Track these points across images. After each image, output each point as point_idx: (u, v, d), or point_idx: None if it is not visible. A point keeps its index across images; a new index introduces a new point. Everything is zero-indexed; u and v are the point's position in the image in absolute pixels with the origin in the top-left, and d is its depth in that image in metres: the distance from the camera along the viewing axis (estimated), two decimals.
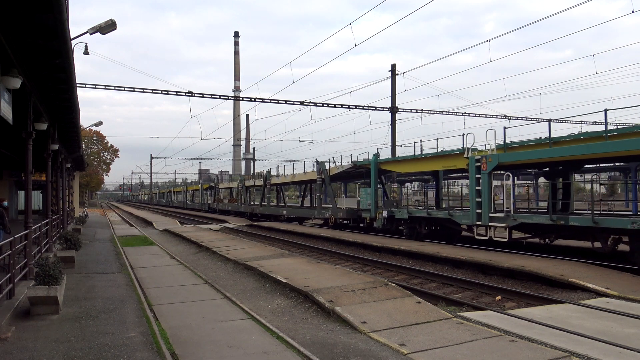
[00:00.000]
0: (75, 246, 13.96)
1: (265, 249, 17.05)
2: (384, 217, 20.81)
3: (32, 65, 9.28)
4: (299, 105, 32.99)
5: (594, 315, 8.05)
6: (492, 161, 15.37)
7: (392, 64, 31.39)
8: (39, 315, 7.89)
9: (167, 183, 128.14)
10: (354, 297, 8.99)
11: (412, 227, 19.74)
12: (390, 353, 6.23)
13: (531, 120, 39.52)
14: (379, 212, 21.41)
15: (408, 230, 20.04)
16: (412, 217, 19.51)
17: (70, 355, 6.03)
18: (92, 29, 15.47)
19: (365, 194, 23.09)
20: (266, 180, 37.09)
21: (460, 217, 17.23)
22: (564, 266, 12.10)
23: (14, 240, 8.83)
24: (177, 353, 6.19)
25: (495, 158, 15.30)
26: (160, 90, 29.94)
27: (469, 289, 11.45)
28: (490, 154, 15.59)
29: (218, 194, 54.65)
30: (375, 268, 14.91)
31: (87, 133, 56.61)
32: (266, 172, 38.15)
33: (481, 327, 7.37)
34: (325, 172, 27.59)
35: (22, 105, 10.16)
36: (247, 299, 9.88)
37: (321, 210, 28.18)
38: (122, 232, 27.23)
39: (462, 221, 17.17)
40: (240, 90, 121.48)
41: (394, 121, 31.60)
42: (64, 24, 7.20)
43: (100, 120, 41.58)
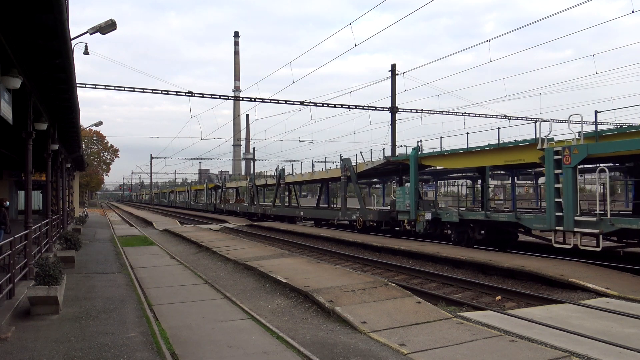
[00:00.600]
0: (75, 246, 13.96)
1: (265, 249, 17.05)
2: (426, 219, 18.46)
3: (32, 65, 9.28)
4: (299, 105, 32.99)
5: (594, 315, 8.05)
6: (578, 153, 12.70)
7: (392, 64, 31.39)
8: (39, 315, 7.89)
9: (167, 183, 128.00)
10: (354, 297, 8.99)
11: (463, 231, 17.34)
12: (390, 353, 6.23)
13: (531, 120, 39.51)
14: (420, 214, 18.95)
15: (457, 235, 17.60)
16: (463, 220, 17.05)
17: (70, 355, 6.03)
18: (92, 29, 15.47)
19: (403, 194, 20.12)
20: (280, 178, 34.28)
21: (531, 221, 14.44)
22: (564, 266, 12.10)
23: (14, 240, 8.83)
24: (177, 353, 6.19)
25: (583, 149, 12.67)
26: (160, 90, 29.93)
27: (469, 289, 11.45)
28: (575, 144, 12.97)
29: (225, 193, 52.09)
30: (375, 268, 14.92)
31: (87, 133, 56.60)
32: (280, 169, 34.95)
33: (481, 327, 7.37)
34: (351, 169, 24.94)
35: (22, 105, 10.16)
36: (247, 299, 9.88)
37: (346, 212, 25.63)
38: (122, 232, 27.23)
39: (533, 226, 14.44)
40: (240, 90, 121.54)
41: (394, 121, 31.60)
42: (64, 24, 7.20)
43: (100, 120, 41.59)
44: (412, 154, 20.09)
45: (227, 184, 53.31)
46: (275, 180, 36.23)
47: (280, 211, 34.26)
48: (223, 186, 52.53)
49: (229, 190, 53.77)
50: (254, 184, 41.22)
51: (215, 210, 51.23)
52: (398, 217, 20.55)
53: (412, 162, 19.95)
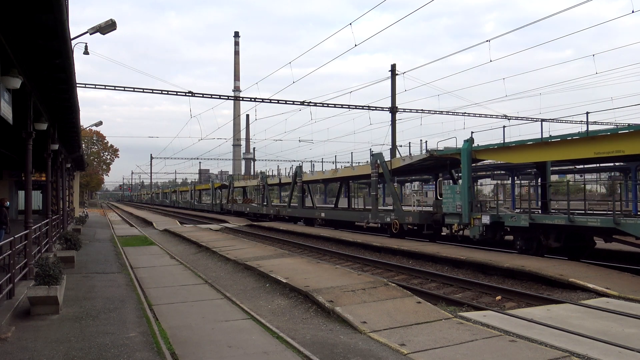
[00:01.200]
0: (75, 246, 13.96)
1: (265, 249, 17.05)
2: (483, 224, 15.99)
3: (32, 65, 9.28)
4: (299, 105, 33.01)
5: (594, 315, 8.05)
6: None
7: (392, 64, 31.42)
8: (39, 315, 7.89)
9: (168, 183, 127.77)
10: (354, 297, 8.99)
11: (532, 238, 14.79)
12: (390, 353, 6.23)
13: (531, 120, 39.54)
14: (475, 218, 16.42)
15: (525, 242, 15.00)
16: (535, 225, 14.38)
17: (70, 355, 6.03)
18: (92, 29, 15.47)
19: (452, 193, 17.50)
20: (297, 176, 30.87)
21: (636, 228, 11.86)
22: (563, 266, 12.10)
23: (14, 240, 8.83)
24: (177, 353, 6.19)
25: None
26: (160, 90, 29.98)
27: (469, 289, 11.45)
28: None
29: (232, 193, 47.90)
30: (375, 268, 14.91)
31: (87, 133, 56.57)
32: (297, 167, 31.73)
33: (481, 327, 7.37)
34: (384, 166, 21.96)
35: (22, 105, 10.16)
36: (247, 299, 9.88)
37: (378, 214, 22.39)
38: (122, 232, 27.23)
39: None
40: (240, 90, 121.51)
41: (394, 121, 31.62)
42: (64, 24, 7.20)
43: (100, 120, 41.59)
44: (465, 147, 17.31)
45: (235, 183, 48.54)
46: (290, 179, 32.87)
47: (297, 212, 31.05)
48: (231, 185, 48.11)
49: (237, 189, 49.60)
50: (265, 183, 37.76)
51: (222, 211, 48.13)
52: (445, 220, 17.86)
53: (465, 157, 17.17)
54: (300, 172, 30.77)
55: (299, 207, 30.92)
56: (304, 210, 30.84)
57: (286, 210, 32.27)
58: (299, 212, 30.89)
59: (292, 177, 31.87)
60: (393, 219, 21.14)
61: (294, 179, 31.49)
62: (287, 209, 32.15)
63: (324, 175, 30.26)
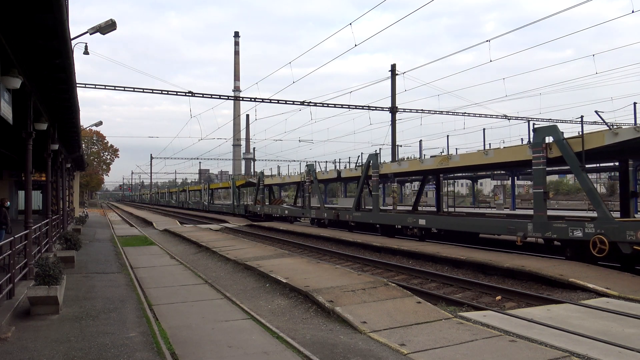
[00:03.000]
0: (75, 246, 13.96)
1: (265, 249, 17.05)
2: None
3: (32, 65, 9.28)
4: (299, 105, 33.02)
5: (594, 315, 8.05)
6: None
7: (392, 64, 31.42)
8: (39, 315, 7.89)
9: (170, 182, 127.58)
10: (354, 297, 8.99)
11: None
12: (390, 353, 6.23)
13: (531, 120, 39.53)
14: None
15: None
16: None
17: (70, 355, 6.03)
18: (92, 29, 15.47)
19: None
20: (371, 168, 22.23)
21: None
22: (564, 266, 12.10)
23: (14, 240, 8.83)
24: (177, 353, 6.19)
25: None
26: (160, 90, 29.97)
27: (469, 289, 11.45)
28: None
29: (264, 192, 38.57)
30: (375, 268, 14.92)
31: (87, 133, 56.56)
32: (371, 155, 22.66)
33: (481, 327, 7.37)
34: (564, 147, 13.18)
35: (22, 105, 10.17)
36: (247, 299, 9.88)
37: (551, 224, 13.65)
38: (122, 232, 27.24)
39: None
40: (240, 90, 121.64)
41: (394, 121, 31.62)
42: (64, 24, 7.20)
43: (100, 120, 41.61)
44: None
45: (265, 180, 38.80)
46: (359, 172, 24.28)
47: (371, 217, 22.29)
48: (259, 183, 38.38)
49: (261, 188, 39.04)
50: (314, 177, 28.59)
51: (248, 214, 40.60)
52: None
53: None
54: (376, 163, 22.11)
55: (375, 209, 22.22)
56: (385, 215, 22.10)
57: (352, 214, 23.93)
58: (375, 216, 22.15)
59: (363, 169, 22.99)
60: (595, 232, 12.29)
61: (364, 173, 22.86)
62: (352, 212, 23.94)
63: (420, 166, 20.45)
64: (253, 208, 39.76)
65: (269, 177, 40.58)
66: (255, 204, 39.68)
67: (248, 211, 41.20)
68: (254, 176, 44.99)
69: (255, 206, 39.28)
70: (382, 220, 21.98)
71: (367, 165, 22.80)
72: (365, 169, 22.90)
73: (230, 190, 49.44)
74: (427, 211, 25.03)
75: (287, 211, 33.46)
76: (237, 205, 44.47)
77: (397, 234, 21.58)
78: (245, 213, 41.48)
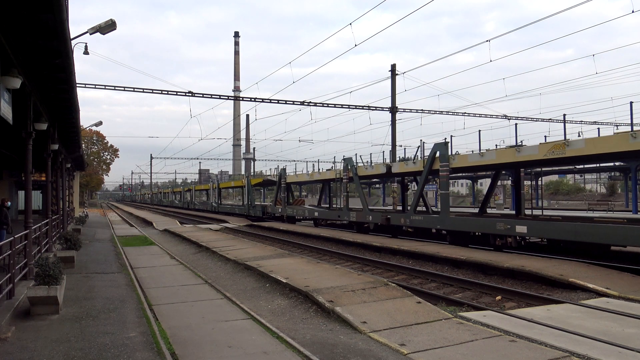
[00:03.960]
0: (75, 246, 13.96)
1: (265, 249, 17.05)
2: None
3: (32, 65, 9.28)
4: (299, 105, 33.01)
5: (594, 315, 8.05)
6: None
7: (392, 64, 31.41)
8: (39, 315, 7.89)
9: (168, 183, 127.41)
10: (354, 297, 8.99)
11: None
12: (390, 353, 6.23)
13: (531, 120, 39.57)
14: None
15: None
16: None
17: (70, 355, 6.03)
18: (92, 29, 15.46)
19: None
20: (438, 161, 18.14)
21: None
22: (564, 266, 12.10)
23: (14, 240, 8.83)
24: (177, 353, 6.19)
25: None
26: (160, 90, 29.95)
27: (469, 289, 11.45)
28: None
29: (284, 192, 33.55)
30: (375, 268, 14.92)
31: (87, 133, 56.57)
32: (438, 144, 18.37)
33: (481, 327, 7.37)
34: None
35: (22, 105, 10.16)
36: (247, 299, 9.88)
37: None
38: (122, 232, 27.24)
39: None
40: (240, 90, 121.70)
41: (394, 121, 31.61)
42: (64, 24, 7.20)
43: (100, 120, 41.67)
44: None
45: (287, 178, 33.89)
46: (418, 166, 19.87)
47: (441, 222, 17.96)
48: (280, 181, 33.73)
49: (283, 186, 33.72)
50: (354, 173, 24.21)
51: (265, 216, 36.52)
52: None
53: None
54: (445, 156, 17.78)
55: (443, 212, 17.93)
56: (459, 219, 17.60)
57: (409, 217, 19.69)
58: (443, 221, 17.86)
59: (427, 162, 18.73)
60: None
61: (429, 165, 18.55)
62: (409, 215, 19.83)
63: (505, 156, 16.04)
64: (273, 209, 35.26)
65: (293, 175, 35.29)
66: (275, 204, 35.15)
67: (266, 213, 36.78)
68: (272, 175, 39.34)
69: (275, 207, 34.71)
70: (454, 226, 17.54)
71: (432, 157, 18.53)
72: (429, 162, 18.61)
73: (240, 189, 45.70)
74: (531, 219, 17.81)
75: (317, 213, 28.77)
76: (253, 206, 39.47)
77: (474, 244, 17.20)
78: (262, 215, 37.09)
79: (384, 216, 21.37)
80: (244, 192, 43.00)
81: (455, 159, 17.96)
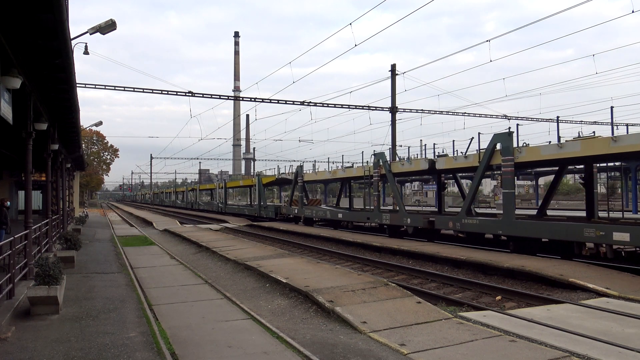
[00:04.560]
0: (75, 246, 13.96)
1: (265, 249, 17.05)
2: None
3: (32, 65, 9.28)
4: (299, 105, 33.00)
5: (594, 315, 8.05)
6: None
7: (392, 64, 31.41)
8: (39, 315, 7.89)
9: (168, 182, 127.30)
10: (354, 297, 8.99)
11: None
12: (390, 353, 6.23)
13: (531, 120, 39.57)
14: None
15: None
16: None
17: (70, 355, 6.03)
18: (92, 29, 15.46)
19: None
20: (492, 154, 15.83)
21: None
22: (564, 266, 12.10)
23: (14, 240, 8.83)
24: (177, 353, 6.19)
25: None
26: (160, 90, 29.95)
27: (469, 289, 11.45)
28: None
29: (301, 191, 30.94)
30: (375, 268, 14.92)
31: (87, 133, 56.55)
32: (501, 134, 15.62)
33: (481, 327, 7.37)
34: None
35: (22, 105, 10.17)
36: (247, 299, 9.88)
37: None
38: (122, 232, 27.24)
39: None
40: (240, 90, 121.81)
41: (394, 121, 31.61)
42: (64, 24, 7.20)
43: (100, 120, 41.67)
44: None
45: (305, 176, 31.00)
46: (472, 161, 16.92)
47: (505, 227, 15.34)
48: (296, 180, 30.94)
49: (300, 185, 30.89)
50: (388, 170, 21.19)
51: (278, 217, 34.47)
52: None
53: None
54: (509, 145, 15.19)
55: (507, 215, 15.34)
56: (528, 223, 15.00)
57: (460, 221, 16.84)
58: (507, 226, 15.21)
59: (484, 156, 16.05)
60: None
61: (487, 160, 15.85)
62: (461, 218, 16.91)
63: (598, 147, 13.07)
64: (288, 210, 32.59)
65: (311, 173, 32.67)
66: (290, 204, 32.34)
67: (280, 213, 34.42)
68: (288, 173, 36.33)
69: (290, 208, 31.96)
70: (522, 231, 14.82)
71: (490, 150, 15.85)
72: (487, 156, 15.94)
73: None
74: None
75: (341, 214, 25.72)
76: (265, 207, 36.91)
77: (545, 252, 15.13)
78: (274, 216, 34.80)
79: (426, 219, 18.78)
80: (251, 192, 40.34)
81: (523, 151, 14.99)
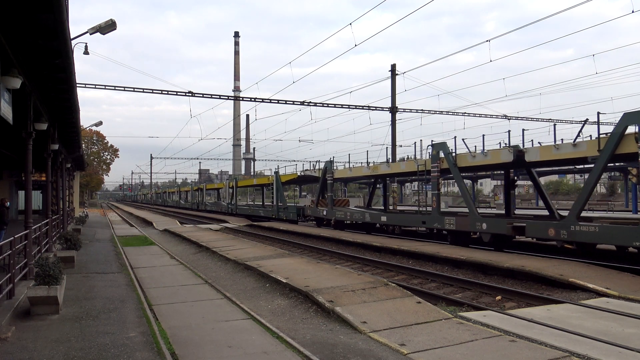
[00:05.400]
0: (75, 246, 13.96)
1: (265, 249, 17.05)
2: None
3: (32, 65, 9.28)
4: (299, 105, 33.02)
5: (594, 315, 8.05)
6: None
7: (392, 64, 31.44)
8: (39, 315, 7.89)
9: (168, 182, 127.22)
10: (354, 297, 8.99)
11: None
12: (390, 353, 6.23)
13: (531, 120, 39.58)
14: None
15: None
16: None
17: (70, 355, 6.03)
18: (92, 29, 15.46)
19: None
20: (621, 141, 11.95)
21: None
22: (564, 266, 12.10)
23: (14, 240, 8.83)
24: (177, 353, 6.19)
25: None
26: (160, 90, 30.00)
27: (469, 289, 11.45)
28: None
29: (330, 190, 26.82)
30: (375, 268, 14.91)
31: (87, 133, 56.60)
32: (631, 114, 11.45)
33: (481, 327, 7.37)
34: None
35: (22, 105, 10.17)
36: (247, 299, 9.88)
37: None
38: (122, 232, 27.24)
39: None
40: (240, 90, 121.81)
41: (394, 121, 31.63)
42: (64, 24, 7.20)
43: (100, 120, 41.67)
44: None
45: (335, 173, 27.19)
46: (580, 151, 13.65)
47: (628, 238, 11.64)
48: (324, 177, 27.15)
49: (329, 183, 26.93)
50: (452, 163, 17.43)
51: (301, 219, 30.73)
52: None
53: None
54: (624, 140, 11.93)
55: None
56: None
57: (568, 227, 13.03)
58: None
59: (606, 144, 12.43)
60: None
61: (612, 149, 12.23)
62: (569, 223, 13.15)
63: None
64: (314, 211, 28.53)
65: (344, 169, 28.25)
66: (317, 205, 28.33)
67: (304, 215, 30.45)
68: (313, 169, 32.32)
69: (317, 209, 27.98)
70: None
71: (619, 135, 11.95)
72: (613, 144, 12.13)
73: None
74: None
75: (385, 217, 21.78)
76: (285, 208, 32.52)
77: None
78: (296, 218, 30.83)
79: (510, 224, 14.88)
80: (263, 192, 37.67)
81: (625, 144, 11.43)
